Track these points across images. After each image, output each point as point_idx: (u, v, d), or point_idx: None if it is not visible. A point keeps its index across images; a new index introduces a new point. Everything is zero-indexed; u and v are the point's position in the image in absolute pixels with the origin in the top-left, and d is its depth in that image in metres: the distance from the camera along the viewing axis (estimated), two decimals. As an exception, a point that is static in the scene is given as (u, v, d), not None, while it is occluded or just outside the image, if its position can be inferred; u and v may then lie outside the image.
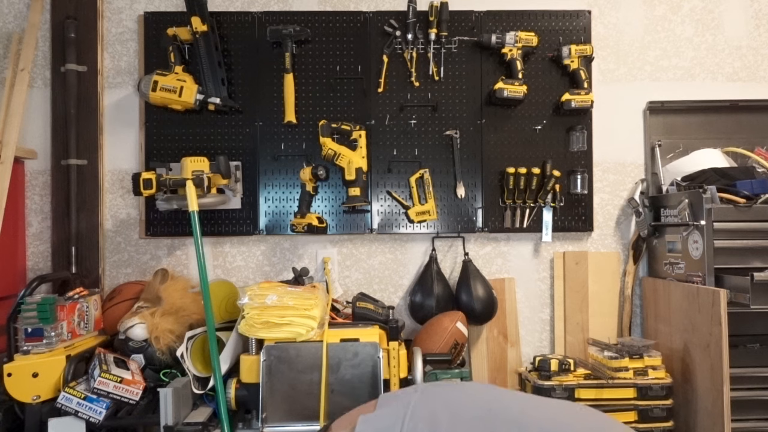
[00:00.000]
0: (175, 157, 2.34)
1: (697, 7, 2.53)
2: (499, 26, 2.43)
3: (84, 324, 2.02)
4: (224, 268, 2.44)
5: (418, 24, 2.38)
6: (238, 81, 2.40)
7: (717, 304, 1.89)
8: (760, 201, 2.03)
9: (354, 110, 2.41)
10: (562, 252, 2.47)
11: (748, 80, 2.53)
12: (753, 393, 2.05)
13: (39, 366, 1.78)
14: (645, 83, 2.51)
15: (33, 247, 2.39)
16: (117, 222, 2.43)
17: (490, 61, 2.42)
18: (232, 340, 1.93)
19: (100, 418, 1.75)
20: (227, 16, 2.41)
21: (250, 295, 1.83)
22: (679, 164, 2.36)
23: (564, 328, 2.45)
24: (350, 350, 1.81)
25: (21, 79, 2.25)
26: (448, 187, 2.41)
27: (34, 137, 2.37)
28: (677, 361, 2.13)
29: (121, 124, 2.43)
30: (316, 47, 2.41)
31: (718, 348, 1.88)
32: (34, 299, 1.85)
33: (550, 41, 2.43)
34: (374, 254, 2.47)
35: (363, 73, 2.41)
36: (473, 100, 2.42)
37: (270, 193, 2.41)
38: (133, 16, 2.44)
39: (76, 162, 2.33)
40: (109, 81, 2.44)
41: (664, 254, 2.29)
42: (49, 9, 2.38)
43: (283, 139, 2.41)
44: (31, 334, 1.83)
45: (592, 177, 2.44)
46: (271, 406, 1.78)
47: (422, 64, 2.40)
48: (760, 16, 2.54)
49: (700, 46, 2.53)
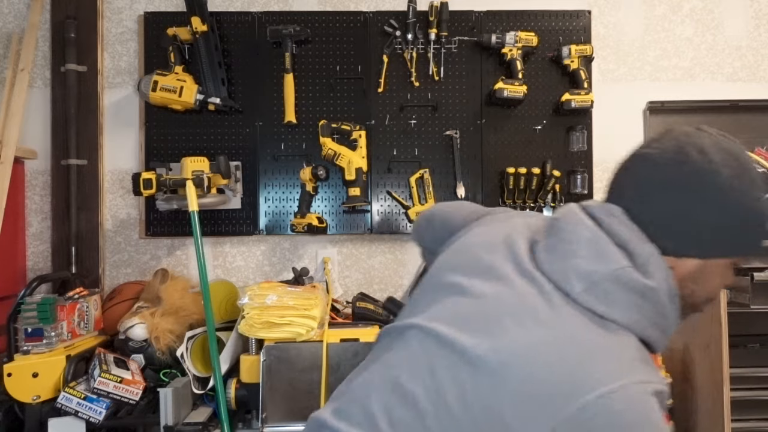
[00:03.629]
0: (175, 157, 2.33)
1: (697, 7, 2.53)
2: (499, 26, 2.43)
3: (84, 324, 2.02)
4: (224, 268, 2.44)
5: (418, 24, 2.38)
6: (238, 81, 2.40)
7: (717, 304, 1.88)
8: (760, 201, 2.03)
9: (354, 110, 2.41)
10: (562, 252, 2.46)
11: (748, 80, 2.52)
12: (753, 393, 2.05)
13: (39, 366, 1.78)
14: (645, 83, 2.51)
15: (33, 247, 2.39)
16: (117, 222, 2.43)
17: (490, 61, 2.42)
18: (232, 340, 1.93)
19: (100, 418, 1.75)
20: (227, 16, 2.41)
21: (250, 295, 1.83)
22: (679, 164, 2.36)
23: (564, 328, 2.44)
24: (350, 350, 1.81)
25: (21, 79, 2.25)
26: (448, 187, 2.41)
27: (34, 137, 2.37)
28: (677, 361, 2.13)
29: (121, 124, 2.43)
30: (316, 47, 2.41)
31: (718, 348, 1.88)
32: (34, 299, 1.85)
33: (550, 41, 2.43)
34: (374, 254, 2.46)
35: (363, 73, 2.41)
36: (473, 100, 2.42)
37: (270, 193, 2.41)
38: (133, 16, 2.44)
39: (76, 162, 2.33)
40: (109, 81, 2.44)
41: (664, 254, 2.29)
42: (49, 9, 2.38)
43: (283, 139, 2.41)
44: (31, 334, 1.83)
45: (592, 177, 2.44)
46: (271, 406, 1.78)
47: (422, 64, 2.40)
48: (760, 16, 2.54)
49: (700, 46, 2.53)
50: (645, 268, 0.77)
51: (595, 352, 0.72)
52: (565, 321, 0.74)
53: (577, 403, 0.67)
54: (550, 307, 0.75)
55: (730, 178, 0.78)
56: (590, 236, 0.79)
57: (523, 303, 0.77)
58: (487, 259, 0.85)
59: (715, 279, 0.84)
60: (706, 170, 0.78)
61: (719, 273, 0.83)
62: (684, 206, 0.78)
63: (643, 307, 0.75)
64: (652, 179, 0.81)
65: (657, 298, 0.76)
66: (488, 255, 0.86)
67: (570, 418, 0.67)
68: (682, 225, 0.79)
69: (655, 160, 0.82)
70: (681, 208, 0.78)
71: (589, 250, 0.78)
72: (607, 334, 0.73)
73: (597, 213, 0.83)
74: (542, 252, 0.82)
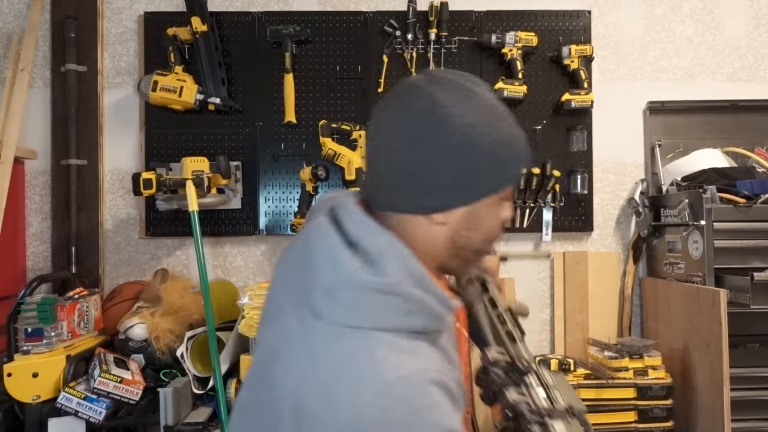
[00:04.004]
0: (175, 157, 2.33)
1: (697, 7, 2.53)
2: (499, 26, 2.43)
3: (84, 324, 2.02)
4: (224, 268, 2.44)
5: (418, 24, 2.37)
6: (238, 81, 2.40)
7: (717, 304, 1.89)
8: (760, 201, 2.03)
9: (354, 110, 2.41)
10: (562, 252, 2.47)
11: (748, 80, 2.52)
12: (753, 393, 2.05)
13: (39, 366, 1.78)
14: (645, 83, 2.51)
15: (33, 247, 2.39)
16: (117, 222, 2.43)
17: (490, 61, 2.42)
18: (232, 340, 1.93)
19: (100, 418, 1.75)
20: (227, 16, 2.41)
21: (250, 295, 1.83)
22: (679, 164, 2.36)
23: (564, 328, 2.45)
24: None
25: (21, 79, 2.25)
26: (448, 187, 2.40)
27: (34, 137, 2.37)
28: (677, 361, 2.13)
29: (121, 124, 2.42)
30: (316, 47, 2.41)
31: (718, 348, 1.88)
32: (34, 299, 1.85)
33: (550, 41, 2.43)
34: (374, 254, 2.46)
35: (363, 73, 2.41)
36: (473, 100, 2.41)
37: (270, 193, 2.41)
38: (133, 16, 2.44)
39: (76, 162, 2.33)
40: (109, 81, 2.44)
41: (664, 254, 2.29)
42: (49, 9, 2.38)
43: (283, 139, 2.41)
44: (31, 334, 1.83)
45: (592, 177, 2.44)
46: (271, 406, 1.77)
47: (422, 64, 2.40)
48: (760, 16, 2.54)
49: (700, 46, 2.53)
50: (377, 264, 0.73)
51: (339, 369, 0.70)
52: (315, 344, 0.72)
53: (336, 427, 0.66)
54: (304, 334, 0.74)
55: (463, 117, 0.74)
56: (328, 248, 0.76)
57: (288, 339, 0.76)
58: (278, 301, 0.83)
59: (488, 219, 0.81)
60: (437, 118, 0.74)
61: (490, 212, 0.81)
62: (427, 162, 0.75)
63: (388, 303, 0.72)
64: (389, 145, 0.77)
65: (399, 291, 0.72)
66: (280, 297, 0.83)
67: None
68: (430, 180, 0.75)
69: (383, 126, 0.78)
70: (423, 164, 0.75)
71: (327, 263, 0.75)
72: (354, 344, 0.71)
73: (339, 214, 0.79)
74: (298, 281, 0.79)
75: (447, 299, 0.77)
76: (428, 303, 0.74)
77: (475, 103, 0.76)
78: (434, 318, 0.76)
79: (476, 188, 0.78)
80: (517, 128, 0.81)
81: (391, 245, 0.75)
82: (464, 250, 0.82)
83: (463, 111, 0.75)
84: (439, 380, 0.70)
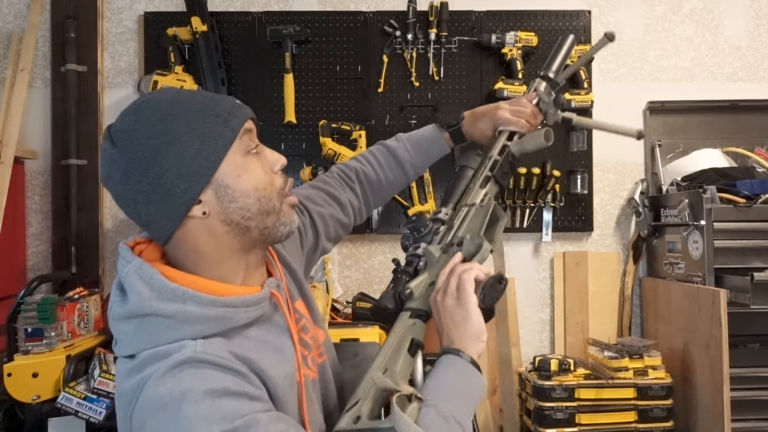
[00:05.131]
0: (175, 157, 2.33)
1: (697, 7, 2.53)
2: (499, 26, 2.43)
3: (84, 324, 2.02)
4: (224, 268, 2.44)
5: (418, 24, 2.38)
6: (238, 81, 2.40)
7: (717, 304, 1.89)
8: (760, 201, 2.03)
9: (354, 110, 2.41)
10: (562, 252, 2.47)
11: (748, 80, 2.52)
12: (753, 393, 2.05)
13: (39, 366, 1.78)
14: (645, 83, 2.51)
15: (33, 247, 2.39)
16: (117, 222, 2.43)
17: (490, 61, 2.42)
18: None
19: (100, 418, 1.75)
20: (227, 16, 2.41)
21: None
22: (679, 164, 2.36)
23: (564, 328, 2.45)
24: (350, 350, 1.81)
25: (21, 79, 2.25)
26: (448, 187, 2.41)
27: (34, 137, 2.37)
28: (677, 361, 2.13)
29: (121, 124, 2.42)
30: (316, 47, 2.41)
31: (718, 348, 1.88)
32: (34, 299, 1.85)
33: (550, 41, 2.43)
34: (374, 254, 2.46)
35: (363, 73, 2.41)
36: (473, 100, 2.41)
37: (270, 193, 2.40)
38: (133, 16, 2.44)
39: (76, 162, 2.33)
40: (109, 81, 2.44)
41: (664, 254, 2.29)
42: (49, 9, 2.38)
43: (283, 139, 2.41)
44: (31, 334, 1.83)
45: (592, 177, 2.44)
46: (271, 406, 1.77)
47: (422, 64, 2.40)
48: (760, 16, 2.54)
49: (700, 46, 2.53)
50: (125, 291, 0.75)
51: (123, 390, 0.73)
52: (117, 378, 0.77)
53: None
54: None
55: (146, 130, 0.75)
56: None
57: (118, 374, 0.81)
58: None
59: (245, 180, 0.80)
60: (126, 143, 0.75)
61: (241, 173, 0.80)
62: (139, 184, 0.76)
63: (147, 325, 0.73)
64: (112, 189, 0.80)
65: (148, 311, 0.73)
66: None
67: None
68: (158, 195, 0.76)
69: (106, 181, 0.80)
70: (137, 187, 0.76)
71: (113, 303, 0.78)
72: (127, 373, 0.73)
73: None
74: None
75: (215, 300, 0.75)
76: (187, 311, 0.73)
77: (141, 109, 0.77)
78: (206, 321, 0.74)
79: (199, 167, 0.76)
80: (190, 93, 0.81)
81: (134, 270, 0.75)
82: (249, 219, 0.80)
83: (135, 122, 0.76)
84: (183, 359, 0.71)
